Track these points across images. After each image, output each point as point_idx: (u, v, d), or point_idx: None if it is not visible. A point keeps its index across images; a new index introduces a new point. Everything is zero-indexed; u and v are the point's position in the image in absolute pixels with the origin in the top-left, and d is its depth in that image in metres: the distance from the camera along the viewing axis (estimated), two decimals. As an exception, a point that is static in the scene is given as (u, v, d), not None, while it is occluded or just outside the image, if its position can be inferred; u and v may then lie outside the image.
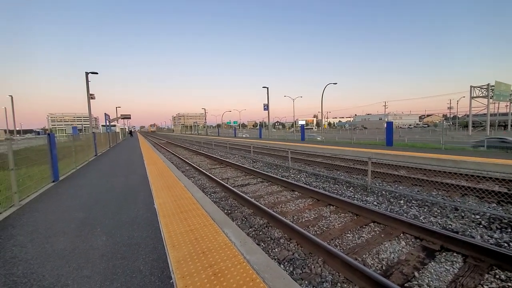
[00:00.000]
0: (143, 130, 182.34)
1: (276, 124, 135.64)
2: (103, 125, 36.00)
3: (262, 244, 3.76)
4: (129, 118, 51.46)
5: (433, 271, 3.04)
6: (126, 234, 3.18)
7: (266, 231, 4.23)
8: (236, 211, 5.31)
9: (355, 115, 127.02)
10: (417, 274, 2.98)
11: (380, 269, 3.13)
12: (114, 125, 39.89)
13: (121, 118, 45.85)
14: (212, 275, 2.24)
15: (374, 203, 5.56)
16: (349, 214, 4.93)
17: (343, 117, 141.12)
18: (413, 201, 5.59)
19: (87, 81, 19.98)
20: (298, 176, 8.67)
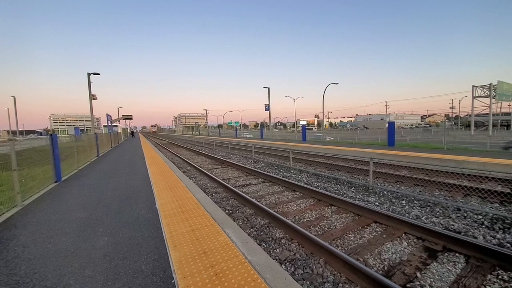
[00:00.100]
0: (145, 131, 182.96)
1: (277, 124, 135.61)
2: (105, 126, 36.13)
3: (264, 245, 3.75)
4: (131, 119, 51.72)
5: (435, 272, 3.03)
6: (128, 234, 3.19)
7: (268, 232, 4.22)
8: (237, 212, 5.30)
9: (357, 115, 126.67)
10: (419, 275, 2.97)
11: (382, 270, 3.12)
12: (116, 126, 40.07)
13: (123, 119, 46.04)
14: (214, 275, 2.24)
15: (376, 204, 5.54)
16: (351, 215, 4.91)
17: (345, 117, 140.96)
18: (415, 202, 5.56)
19: (89, 82, 20.09)
20: (300, 176, 8.66)
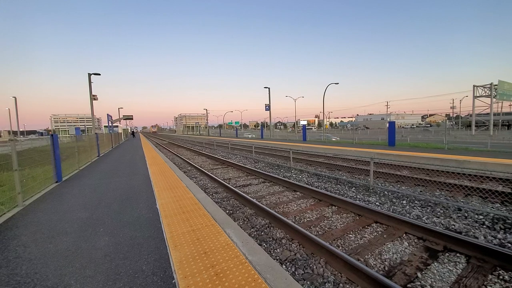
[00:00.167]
0: (145, 131, 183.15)
1: (278, 124, 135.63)
2: (106, 126, 36.21)
3: (264, 245, 3.75)
4: (131, 119, 51.76)
5: (436, 272, 3.02)
6: (129, 234, 3.20)
7: (268, 232, 4.22)
8: (238, 212, 5.30)
9: (357, 115, 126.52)
10: (420, 275, 2.97)
11: (383, 270, 3.12)
12: (117, 126, 40.14)
13: (123, 119, 46.11)
14: (214, 276, 2.24)
15: (377, 204, 5.53)
16: (351, 215, 4.91)
17: (345, 117, 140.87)
18: (416, 202, 5.56)
19: (90, 82, 20.12)
20: (300, 176, 8.65)
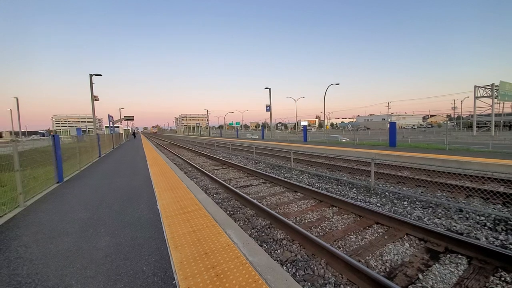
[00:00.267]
0: (146, 132, 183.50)
1: (279, 125, 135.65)
2: (107, 127, 36.30)
3: (265, 245, 3.75)
4: (132, 120, 51.84)
5: (437, 273, 3.01)
6: (130, 235, 3.20)
7: (269, 232, 4.22)
8: (239, 212, 5.30)
9: (358, 116, 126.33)
10: (421, 276, 2.95)
11: (384, 271, 3.11)
12: (118, 127, 40.25)
13: (124, 120, 46.20)
14: (215, 276, 2.24)
15: (378, 204, 5.52)
16: (352, 216, 4.90)
17: (346, 118, 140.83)
18: (417, 202, 5.54)
19: (91, 83, 20.18)
20: (301, 177, 8.65)
